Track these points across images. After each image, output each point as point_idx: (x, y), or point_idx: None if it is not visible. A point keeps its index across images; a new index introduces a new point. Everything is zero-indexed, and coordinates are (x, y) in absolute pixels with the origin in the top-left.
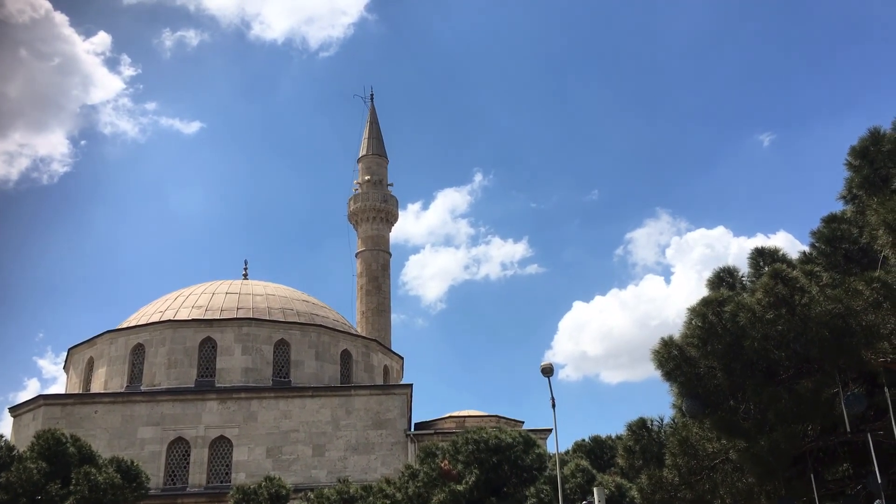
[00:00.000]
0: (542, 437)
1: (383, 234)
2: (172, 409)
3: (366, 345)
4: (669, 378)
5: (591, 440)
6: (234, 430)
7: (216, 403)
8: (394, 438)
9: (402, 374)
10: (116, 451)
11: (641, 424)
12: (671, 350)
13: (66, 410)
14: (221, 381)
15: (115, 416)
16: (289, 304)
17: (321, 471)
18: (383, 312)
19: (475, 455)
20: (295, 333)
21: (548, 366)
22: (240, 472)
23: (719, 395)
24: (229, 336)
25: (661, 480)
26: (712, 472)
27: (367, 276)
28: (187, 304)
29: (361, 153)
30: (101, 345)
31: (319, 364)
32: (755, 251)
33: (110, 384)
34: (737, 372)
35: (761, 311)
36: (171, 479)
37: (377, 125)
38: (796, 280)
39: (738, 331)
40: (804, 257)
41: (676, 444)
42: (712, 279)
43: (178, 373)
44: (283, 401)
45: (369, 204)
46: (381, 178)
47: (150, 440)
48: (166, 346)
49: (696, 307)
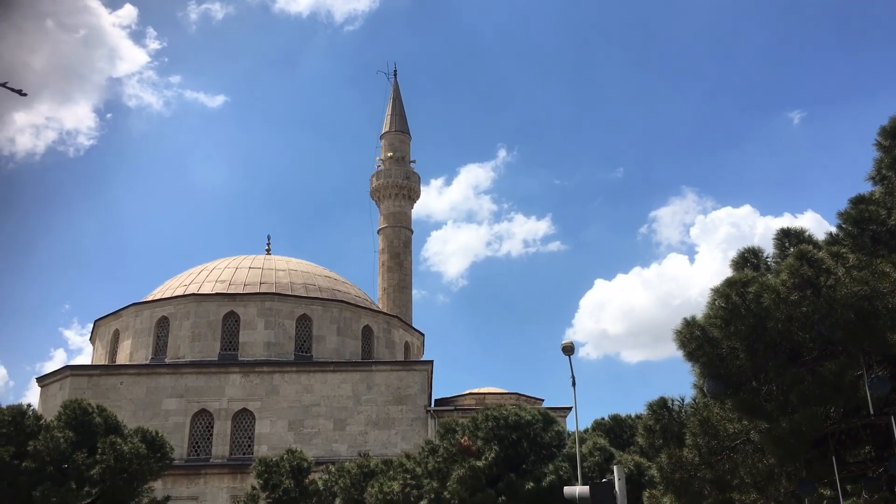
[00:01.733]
0: (561, 415)
1: (405, 210)
2: (196, 381)
3: (387, 321)
4: (691, 358)
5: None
6: (256, 403)
7: (239, 377)
8: (414, 414)
9: (422, 351)
10: (141, 421)
11: (662, 404)
12: (694, 330)
13: (93, 381)
14: (244, 354)
15: (140, 388)
16: (311, 279)
17: (342, 444)
18: (404, 289)
19: (495, 432)
20: (317, 309)
21: (568, 344)
22: (262, 444)
23: (741, 376)
24: (252, 310)
25: (681, 460)
26: (733, 452)
27: (388, 253)
28: (211, 278)
29: (384, 130)
30: (127, 317)
31: (341, 339)
32: (780, 232)
33: (135, 356)
34: (760, 353)
35: (786, 292)
36: (194, 451)
37: (400, 101)
38: (822, 261)
39: (761, 312)
40: (830, 238)
41: (697, 424)
42: (736, 260)
43: (201, 346)
44: (305, 375)
45: (391, 181)
46: (403, 154)
47: (174, 412)
48: (190, 320)
49: (720, 288)
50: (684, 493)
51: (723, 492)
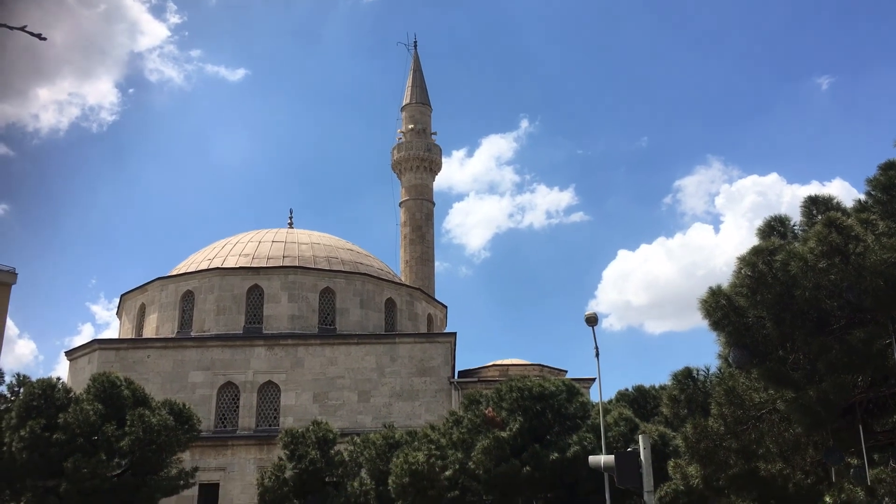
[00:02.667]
0: (585, 386)
1: (427, 183)
2: (222, 354)
3: (410, 293)
4: (717, 328)
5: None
6: (281, 375)
7: (264, 349)
8: (437, 386)
9: (445, 323)
10: (168, 394)
11: (687, 374)
12: (719, 299)
13: (120, 355)
14: (268, 327)
15: (166, 361)
16: (334, 252)
17: (366, 416)
18: (427, 261)
19: (519, 403)
20: (340, 282)
21: (592, 315)
22: (287, 416)
23: (768, 345)
24: (276, 284)
25: (706, 429)
26: (759, 422)
27: (410, 226)
28: (235, 252)
29: (405, 102)
30: (152, 291)
31: (364, 312)
32: (808, 199)
33: (161, 329)
34: (786, 322)
35: (814, 259)
36: (221, 423)
37: (421, 73)
38: (851, 228)
39: (789, 280)
40: (859, 206)
41: (722, 393)
42: (763, 228)
43: (226, 319)
44: (329, 348)
45: (413, 153)
46: (424, 126)
47: (200, 384)
48: (215, 294)
49: (746, 256)
50: (709, 462)
51: (748, 461)
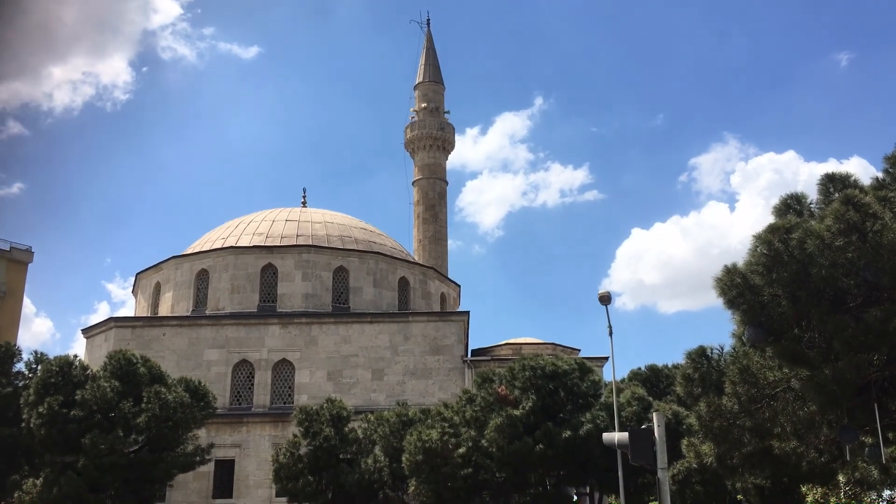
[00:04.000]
0: (598, 364)
1: (440, 162)
2: (236, 332)
3: (423, 272)
4: (731, 306)
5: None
6: (295, 353)
7: (278, 328)
8: (451, 364)
9: (458, 302)
10: (184, 372)
11: (701, 353)
12: (734, 277)
13: (136, 333)
14: (282, 306)
15: (182, 339)
16: (347, 231)
17: (380, 394)
18: (440, 240)
19: (532, 381)
20: (353, 260)
21: (605, 294)
22: (302, 394)
23: (783, 324)
24: (289, 263)
25: (721, 408)
26: (773, 400)
27: (423, 205)
28: (248, 231)
29: (418, 80)
30: (167, 270)
31: (377, 291)
32: (825, 177)
33: (176, 308)
34: (802, 300)
35: (830, 237)
36: (236, 400)
37: (434, 51)
38: (869, 206)
39: (805, 258)
40: (877, 183)
41: (737, 372)
42: (779, 206)
43: (240, 298)
44: (343, 326)
45: (426, 132)
46: (437, 105)
47: (215, 362)
48: (229, 272)
49: (762, 234)
50: (723, 440)
51: (762, 440)
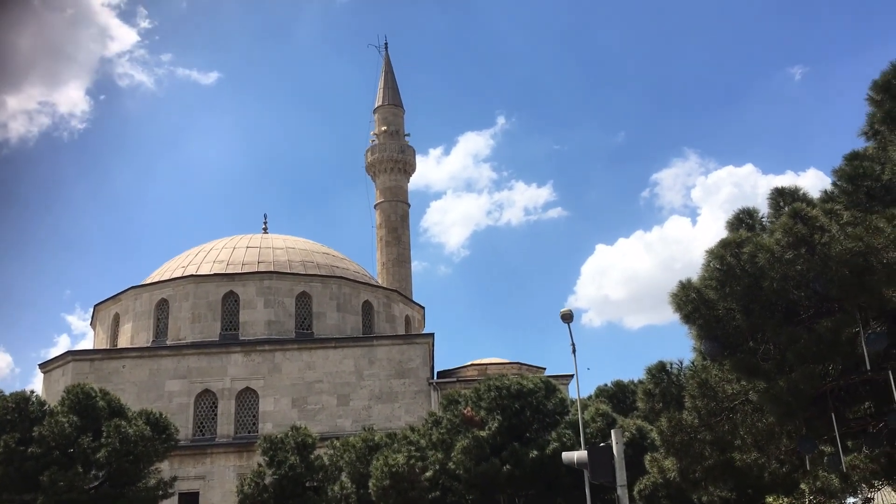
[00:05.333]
0: (563, 383)
1: (401, 184)
2: (198, 362)
3: (387, 295)
4: (688, 321)
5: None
6: (259, 381)
7: (241, 356)
8: (417, 387)
9: (423, 324)
10: (145, 404)
11: (661, 368)
12: (689, 293)
13: (95, 366)
14: (245, 334)
15: (142, 370)
16: (309, 256)
17: (346, 420)
18: (403, 263)
19: (497, 401)
20: (316, 286)
21: (567, 312)
22: (266, 422)
23: (738, 337)
24: (251, 290)
25: (681, 423)
26: (732, 413)
27: (386, 228)
28: (209, 258)
29: (377, 104)
30: (126, 301)
31: (341, 315)
32: (775, 191)
33: (136, 339)
34: (756, 313)
35: (780, 251)
36: (199, 431)
37: (392, 75)
38: (816, 219)
39: (756, 272)
40: (825, 196)
41: (696, 386)
42: (732, 221)
43: (202, 327)
44: (307, 352)
45: (386, 155)
46: (397, 128)
47: (177, 393)
48: (190, 301)
49: (715, 249)
50: (685, 455)
51: (723, 452)
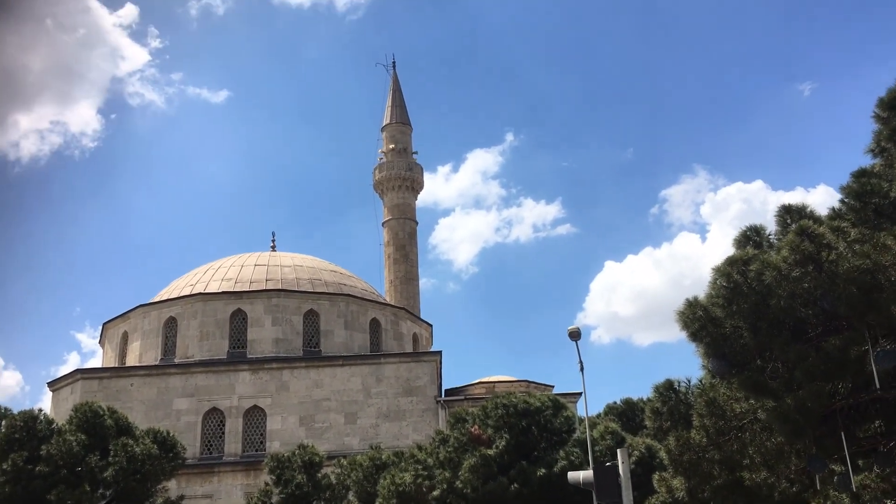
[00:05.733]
0: (572, 400)
1: (409, 202)
2: (206, 380)
3: (394, 313)
4: (695, 339)
5: (622, 403)
6: (266, 399)
7: (248, 374)
8: (424, 405)
9: (431, 342)
10: (153, 422)
11: (668, 386)
12: (696, 310)
13: (103, 384)
14: (253, 352)
15: (150, 389)
16: (317, 274)
17: (353, 438)
18: (411, 280)
19: (505, 419)
20: (324, 303)
21: (575, 330)
22: (274, 440)
23: (746, 355)
24: (259, 308)
25: (689, 441)
26: (741, 432)
27: (394, 245)
28: (217, 276)
29: (385, 122)
30: (135, 319)
31: (349, 333)
32: (782, 208)
33: (145, 357)
34: (763, 331)
35: (787, 268)
36: (207, 449)
37: (400, 93)
38: (823, 236)
39: (763, 289)
40: (833, 213)
41: (704, 404)
42: (739, 238)
43: (210, 345)
44: (314, 370)
45: (394, 173)
46: (405, 146)
47: (185, 411)
48: (198, 319)
49: (721, 266)
50: (693, 474)
51: (732, 472)
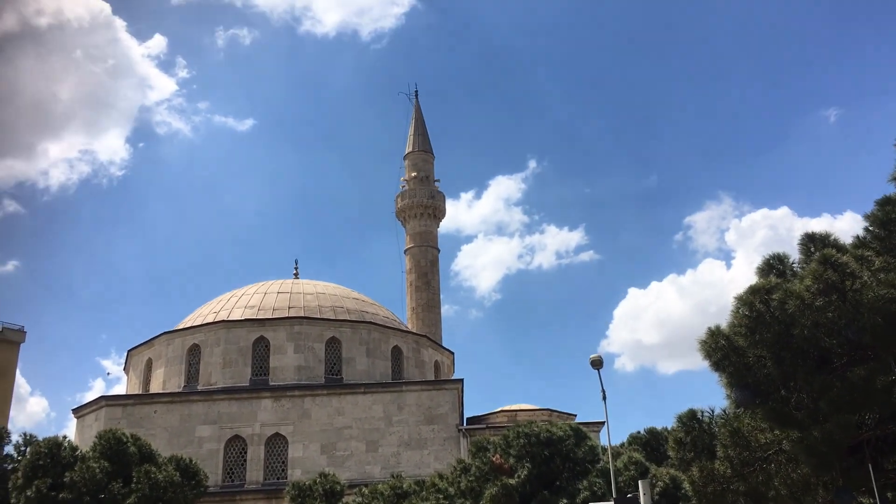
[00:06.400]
0: (595, 429)
1: (431, 230)
2: (229, 407)
3: (416, 341)
4: (718, 368)
5: (646, 432)
6: (288, 427)
7: (271, 401)
8: (446, 433)
9: (452, 369)
10: (175, 449)
11: (692, 416)
12: (719, 340)
13: (127, 411)
14: (275, 379)
15: (173, 416)
16: (339, 302)
17: (375, 466)
18: (433, 308)
19: (527, 449)
20: (346, 331)
21: (597, 358)
22: (295, 468)
23: (770, 385)
24: (282, 335)
25: (713, 472)
26: (766, 463)
27: (416, 273)
28: (240, 304)
29: (407, 150)
30: (159, 346)
31: (370, 361)
32: (805, 236)
33: (168, 384)
34: (787, 361)
35: (810, 297)
36: (229, 477)
37: (422, 121)
38: (847, 265)
39: (787, 319)
40: (857, 242)
41: (728, 435)
42: (762, 266)
43: (232, 372)
44: (336, 398)
45: (416, 200)
46: (427, 174)
47: (207, 438)
48: (221, 346)
49: (744, 296)
50: None
51: (758, 503)
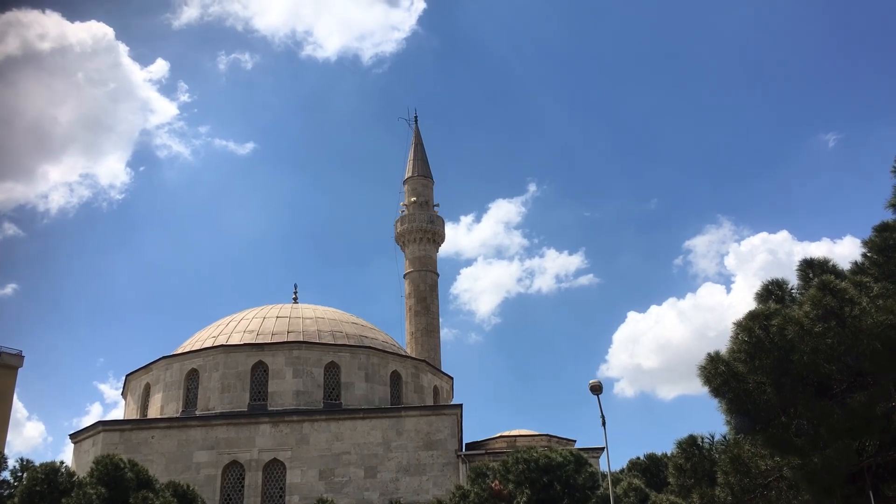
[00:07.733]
0: (595, 455)
1: (430, 254)
2: (226, 433)
3: (415, 366)
4: (717, 394)
5: (646, 458)
6: (286, 452)
7: (269, 427)
8: (445, 459)
9: (452, 394)
10: (173, 475)
11: (692, 442)
12: (718, 366)
13: (124, 436)
14: (273, 404)
15: (171, 441)
16: (338, 326)
17: (373, 492)
18: (432, 333)
19: (526, 475)
20: (345, 356)
21: (596, 384)
22: (293, 494)
23: (770, 411)
24: (280, 360)
25: (714, 499)
26: (766, 490)
27: (415, 297)
28: (239, 328)
29: (407, 175)
30: (157, 371)
31: (369, 386)
32: (804, 262)
33: (166, 409)
34: (787, 387)
35: (809, 324)
36: (226, 503)
37: (422, 146)
38: (845, 291)
39: (786, 345)
40: (856, 268)
41: (728, 462)
42: (760, 292)
43: (231, 397)
44: (335, 423)
45: (416, 225)
46: (426, 199)
47: (205, 464)
48: (219, 371)
49: (743, 321)
50: None
51: None
